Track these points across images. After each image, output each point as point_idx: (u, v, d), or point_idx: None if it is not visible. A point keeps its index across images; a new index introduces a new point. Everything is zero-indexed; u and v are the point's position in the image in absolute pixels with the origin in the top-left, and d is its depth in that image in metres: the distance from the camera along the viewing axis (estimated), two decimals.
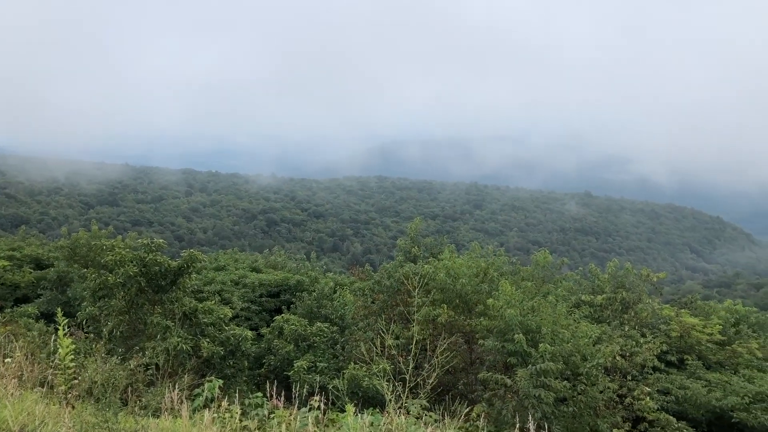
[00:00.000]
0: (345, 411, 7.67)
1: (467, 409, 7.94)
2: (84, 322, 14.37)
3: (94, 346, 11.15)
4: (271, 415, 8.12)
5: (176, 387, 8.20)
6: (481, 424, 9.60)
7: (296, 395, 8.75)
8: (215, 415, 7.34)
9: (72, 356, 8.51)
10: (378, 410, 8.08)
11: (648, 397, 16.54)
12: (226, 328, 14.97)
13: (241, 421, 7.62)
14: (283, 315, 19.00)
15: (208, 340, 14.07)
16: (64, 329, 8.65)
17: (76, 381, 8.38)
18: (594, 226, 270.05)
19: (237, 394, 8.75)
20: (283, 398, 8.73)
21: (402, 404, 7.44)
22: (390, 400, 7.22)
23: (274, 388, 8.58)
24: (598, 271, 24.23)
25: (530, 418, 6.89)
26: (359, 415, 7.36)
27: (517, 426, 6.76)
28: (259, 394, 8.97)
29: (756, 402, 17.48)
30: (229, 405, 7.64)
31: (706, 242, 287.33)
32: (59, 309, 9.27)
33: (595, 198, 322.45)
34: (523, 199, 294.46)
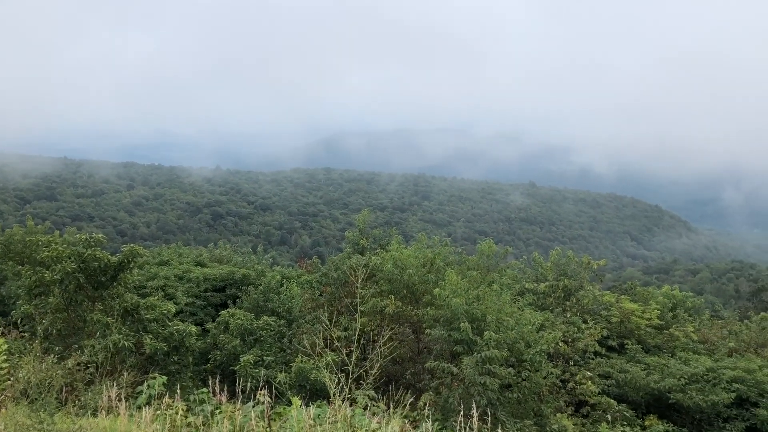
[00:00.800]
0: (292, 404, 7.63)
1: (411, 399, 8.00)
2: (19, 321, 13.87)
3: (29, 345, 10.76)
4: (217, 411, 8.01)
5: (116, 385, 7.99)
6: (426, 413, 9.69)
7: (241, 390, 8.65)
8: (158, 412, 7.20)
9: (5, 357, 8.20)
10: (326, 402, 8.06)
11: (590, 382, 17.04)
12: (170, 323, 14.66)
13: (185, 417, 7.49)
14: (228, 309, 18.75)
15: (150, 336, 13.76)
16: None
17: (9, 382, 8.08)
18: (538, 215, 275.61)
19: (182, 391, 8.59)
20: (229, 393, 8.63)
21: (345, 396, 7.44)
22: (335, 392, 7.21)
23: (219, 384, 8.46)
24: (541, 259, 24.74)
25: (474, 405, 6.99)
26: (306, 407, 7.33)
27: (462, 413, 6.85)
28: (205, 389, 8.83)
29: (691, 383, 18.20)
30: (173, 401, 7.51)
31: (645, 230, 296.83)
32: None
33: (539, 188, 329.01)
34: (470, 190, 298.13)
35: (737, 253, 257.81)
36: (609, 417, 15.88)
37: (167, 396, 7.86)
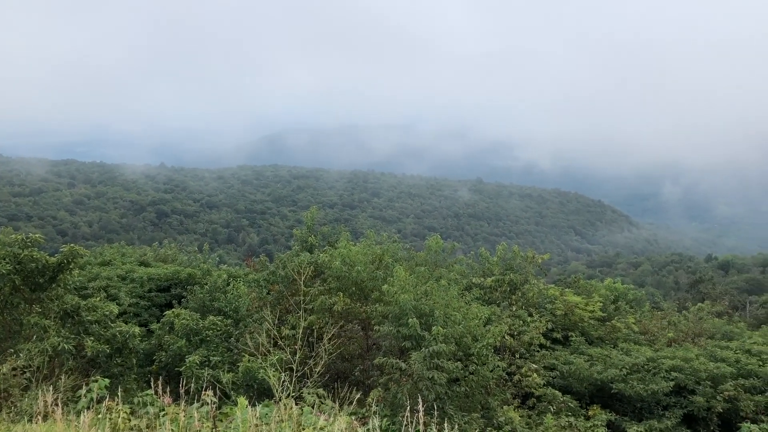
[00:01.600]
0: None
1: (358, 395, 8.01)
2: None
3: None
4: (162, 413, 7.86)
5: (54, 389, 7.75)
6: (374, 409, 9.72)
7: (185, 391, 8.50)
8: (100, 416, 7.01)
9: None
10: (273, 401, 8.00)
11: (535, 374, 17.39)
12: (112, 325, 14.30)
13: (129, 420, 7.33)
14: (173, 310, 18.39)
15: (92, 338, 13.39)
16: None
17: None
18: (485, 211, 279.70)
19: (125, 394, 8.38)
20: (175, 395, 8.47)
21: (290, 394, 7.40)
22: (280, 391, 7.17)
23: (162, 385, 8.30)
24: (487, 254, 25.10)
25: (420, 399, 7.05)
26: (253, 407, 7.26)
27: (408, 407, 6.89)
28: (149, 391, 8.66)
29: (632, 373, 18.77)
30: (116, 405, 7.33)
31: (589, 224, 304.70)
32: None
33: (486, 184, 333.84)
34: (418, 187, 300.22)
35: (676, 246, 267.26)
36: (554, 408, 16.24)
37: (109, 399, 7.67)
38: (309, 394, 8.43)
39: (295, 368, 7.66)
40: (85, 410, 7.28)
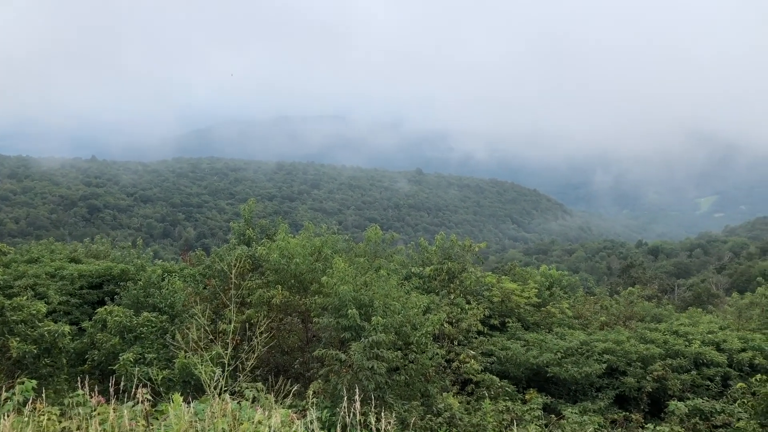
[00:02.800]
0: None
1: (296, 387, 7.96)
2: None
3: None
4: (94, 413, 7.63)
5: None
6: (313, 401, 9.69)
7: (121, 389, 8.28)
8: (25, 418, 6.74)
9: None
10: (210, 397, 7.86)
11: (473, 360, 17.67)
12: (40, 324, 13.78)
13: (60, 422, 7.07)
14: (106, 307, 17.84)
15: (18, 338, 12.87)
16: None
17: None
18: (425, 201, 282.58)
19: (55, 395, 8.10)
20: (108, 394, 8.23)
21: (223, 389, 7.30)
22: (212, 386, 7.06)
23: (98, 385, 8.07)
24: (426, 244, 25.33)
25: (357, 389, 7.06)
26: (190, 403, 7.12)
27: (346, 398, 6.90)
28: (81, 392, 8.38)
29: (567, 357, 19.30)
30: (45, 406, 7.06)
31: (525, 213, 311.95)
32: None
33: (426, 175, 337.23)
34: (359, 178, 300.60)
35: (608, 233, 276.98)
36: (491, 393, 16.56)
37: (37, 401, 7.38)
38: (248, 388, 8.33)
39: (226, 363, 7.54)
40: (7, 413, 6.98)
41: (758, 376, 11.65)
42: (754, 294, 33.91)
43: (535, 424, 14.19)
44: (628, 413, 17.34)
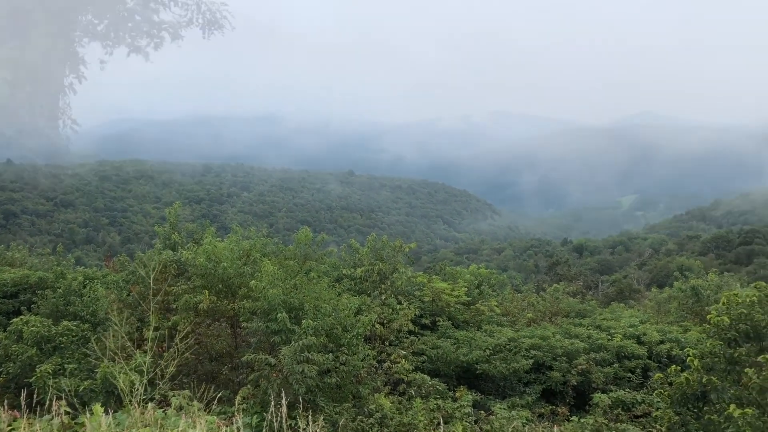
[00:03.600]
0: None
1: (220, 393, 7.82)
2: None
3: None
4: (9, 429, 7.28)
5: None
6: (241, 407, 9.53)
7: (39, 403, 7.93)
8: None
9: None
10: (132, 407, 7.62)
11: (404, 360, 17.79)
12: None
13: None
14: (22, 317, 17.01)
15: None
16: None
17: None
18: (358, 203, 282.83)
19: None
20: (26, 408, 7.86)
21: (143, 398, 7.11)
22: (131, 395, 6.86)
23: (14, 399, 7.69)
24: (358, 245, 25.33)
25: (289, 394, 7.00)
26: (112, 414, 6.89)
27: (273, 403, 6.82)
28: None
29: (495, 353, 19.69)
30: None
31: (456, 213, 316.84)
32: None
33: (357, 176, 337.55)
34: (290, 180, 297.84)
35: (535, 232, 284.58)
36: (423, 392, 16.71)
37: None
38: (174, 396, 8.13)
39: (145, 370, 7.34)
40: None
41: (674, 367, 12.21)
42: (672, 288, 35.51)
43: (465, 421, 14.40)
44: (554, 407, 17.85)
